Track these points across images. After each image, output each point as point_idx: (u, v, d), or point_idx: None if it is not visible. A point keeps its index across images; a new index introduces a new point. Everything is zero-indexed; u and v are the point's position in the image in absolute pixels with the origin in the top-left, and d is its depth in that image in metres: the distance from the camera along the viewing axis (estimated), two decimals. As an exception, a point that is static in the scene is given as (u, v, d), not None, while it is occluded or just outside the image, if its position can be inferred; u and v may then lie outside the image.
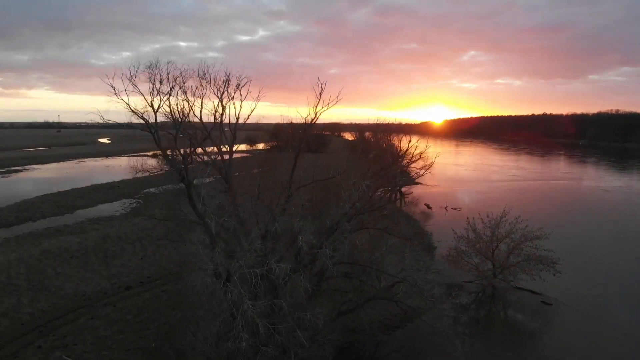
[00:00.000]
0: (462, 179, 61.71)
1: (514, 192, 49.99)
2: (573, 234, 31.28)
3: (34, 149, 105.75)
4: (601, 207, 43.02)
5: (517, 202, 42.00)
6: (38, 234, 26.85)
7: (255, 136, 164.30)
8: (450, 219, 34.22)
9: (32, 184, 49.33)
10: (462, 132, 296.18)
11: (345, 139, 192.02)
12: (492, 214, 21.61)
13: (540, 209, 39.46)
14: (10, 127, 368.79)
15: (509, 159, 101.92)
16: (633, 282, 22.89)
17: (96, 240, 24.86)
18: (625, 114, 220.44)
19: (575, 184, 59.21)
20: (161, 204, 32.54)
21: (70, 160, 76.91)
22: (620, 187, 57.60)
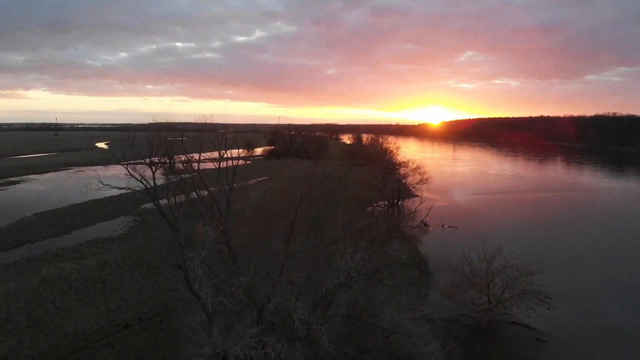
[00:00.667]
0: (460, 189, 61.78)
1: (511, 206, 50.23)
2: (570, 258, 31.51)
3: (32, 155, 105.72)
4: (603, 225, 43.25)
5: (514, 218, 42.25)
6: (37, 259, 26.96)
7: (253, 140, 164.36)
8: (446, 240, 34.32)
9: (30, 198, 49.38)
10: (460, 135, 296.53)
11: (344, 142, 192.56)
12: (489, 236, 21.83)
13: (537, 227, 39.66)
14: (8, 129, 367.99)
15: (507, 166, 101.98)
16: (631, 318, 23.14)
17: (94, 269, 24.99)
18: (622, 116, 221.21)
19: (574, 198, 59.41)
20: (157, 225, 32.73)
21: (67, 169, 76.90)
22: (621, 202, 57.85)
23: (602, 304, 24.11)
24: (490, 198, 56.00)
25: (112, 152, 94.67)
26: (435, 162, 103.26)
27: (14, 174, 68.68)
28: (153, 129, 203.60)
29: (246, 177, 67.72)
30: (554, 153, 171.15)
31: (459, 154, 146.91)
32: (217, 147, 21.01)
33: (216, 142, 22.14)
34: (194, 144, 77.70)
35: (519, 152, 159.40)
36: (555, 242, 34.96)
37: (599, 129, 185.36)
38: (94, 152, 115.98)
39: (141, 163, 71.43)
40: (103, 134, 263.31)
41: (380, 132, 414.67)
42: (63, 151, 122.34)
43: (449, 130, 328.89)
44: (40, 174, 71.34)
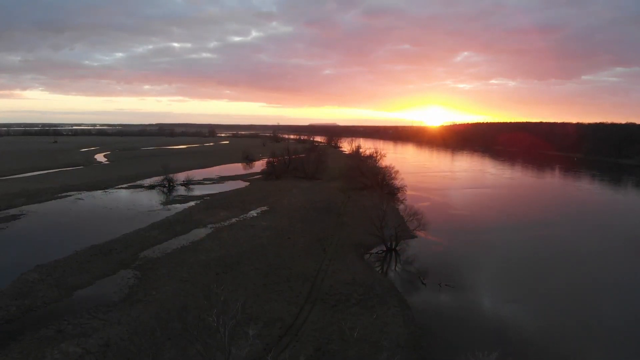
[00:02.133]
0: (458, 225, 61.78)
1: (513, 250, 50.43)
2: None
3: (30, 174, 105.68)
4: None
5: (516, 267, 41.75)
6: (41, 339, 27.18)
7: (252, 150, 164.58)
8: (443, 305, 34.07)
9: (30, 241, 49.61)
10: (459, 141, 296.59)
11: (343, 152, 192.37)
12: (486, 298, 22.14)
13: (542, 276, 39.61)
14: (7, 134, 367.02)
15: (507, 183, 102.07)
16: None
17: (96, 354, 25.25)
18: (621, 124, 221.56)
19: (577, 233, 59.71)
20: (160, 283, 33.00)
21: (68, 196, 77.03)
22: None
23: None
24: (490, 238, 56.19)
25: (112, 170, 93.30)
26: (433, 181, 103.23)
27: (13, 204, 68.78)
28: (150, 133, 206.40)
29: (245, 207, 68.17)
30: (552, 164, 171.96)
31: (458, 165, 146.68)
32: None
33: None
34: (196, 156, 78.06)
35: (518, 163, 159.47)
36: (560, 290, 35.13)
37: (597, 140, 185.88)
38: (94, 171, 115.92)
39: (140, 186, 73.54)
40: (103, 140, 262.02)
41: (379, 136, 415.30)
42: (62, 168, 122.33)
43: (448, 135, 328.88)
44: (40, 202, 71.47)
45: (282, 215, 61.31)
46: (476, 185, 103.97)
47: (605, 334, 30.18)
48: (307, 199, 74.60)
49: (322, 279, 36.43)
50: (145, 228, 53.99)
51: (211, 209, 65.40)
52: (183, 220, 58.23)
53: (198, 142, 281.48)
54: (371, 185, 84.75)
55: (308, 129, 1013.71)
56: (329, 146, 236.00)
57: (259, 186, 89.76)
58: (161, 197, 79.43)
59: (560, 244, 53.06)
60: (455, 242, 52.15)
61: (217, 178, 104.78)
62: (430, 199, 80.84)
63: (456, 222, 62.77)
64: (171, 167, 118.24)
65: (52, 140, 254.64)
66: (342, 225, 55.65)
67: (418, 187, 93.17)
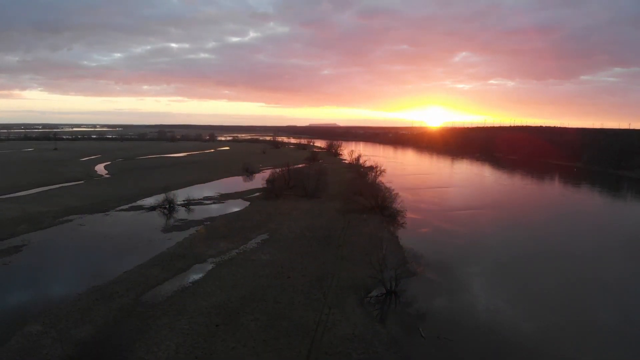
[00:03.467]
0: (459, 256, 61.94)
1: (518, 291, 50.73)
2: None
3: (31, 192, 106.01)
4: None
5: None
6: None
7: (252, 164, 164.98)
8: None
9: (31, 282, 49.90)
10: (458, 146, 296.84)
11: (343, 162, 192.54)
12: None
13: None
14: (7, 138, 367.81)
15: (508, 201, 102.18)
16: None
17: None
18: (621, 132, 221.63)
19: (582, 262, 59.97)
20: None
21: (68, 221, 77.29)
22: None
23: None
24: (492, 279, 56.47)
25: (112, 187, 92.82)
26: (433, 199, 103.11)
27: (15, 231, 69.09)
28: (150, 137, 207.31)
29: (246, 235, 68.52)
30: (552, 174, 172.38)
31: (458, 177, 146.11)
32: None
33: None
34: (196, 167, 78.39)
35: (518, 174, 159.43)
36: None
37: (597, 149, 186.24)
38: (95, 188, 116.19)
39: (141, 208, 74.30)
40: (103, 147, 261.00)
41: (379, 140, 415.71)
42: (63, 183, 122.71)
43: (447, 140, 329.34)
44: (42, 229, 71.82)
45: (282, 247, 61.61)
46: (477, 205, 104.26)
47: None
48: (307, 225, 74.90)
49: (322, 333, 36.74)
50: (146, 264, 54.29)
51: (211, 239, 65.68)
52: (183, 254, 58.51)
53: (198, 149, 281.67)
54: (371, 207, 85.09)
55: (308, 130, 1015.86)
56: (329, 153, 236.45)
57: (259, 207, 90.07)
58: (162, 221, 79.74)
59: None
60: (456, 279, 52.41)
61: (218, 196, 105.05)
62: (431, 223, 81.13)
63: (457, 252, 62.98)
64: (172, 181, 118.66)
65: (52, 147, 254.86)
66: (342, 260, 55.96)
67: (418, 208, 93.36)
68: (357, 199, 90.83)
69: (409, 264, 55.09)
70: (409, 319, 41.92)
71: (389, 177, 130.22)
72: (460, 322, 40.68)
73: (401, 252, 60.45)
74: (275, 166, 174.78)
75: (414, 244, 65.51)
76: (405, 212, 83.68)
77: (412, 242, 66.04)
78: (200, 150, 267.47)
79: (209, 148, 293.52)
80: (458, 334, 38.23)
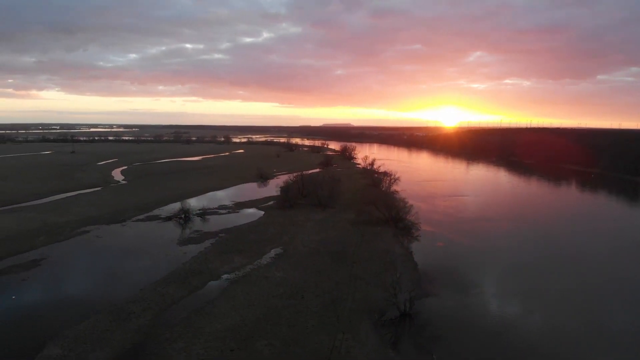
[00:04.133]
0: (473, 278, 61.58)
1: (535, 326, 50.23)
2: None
3: (49, 200, 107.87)
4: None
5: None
6: None
7: (267, 169, 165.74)
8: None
9: (48, 300, 50.79)
10: (474, 149, 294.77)
11: (357, 167, 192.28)
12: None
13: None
14: (25, 140, 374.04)
15: (524, 212, 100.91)
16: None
17: None
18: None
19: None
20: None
21: (86, 232, 78.39)
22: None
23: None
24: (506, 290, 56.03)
25: (128, 194, 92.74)
26: (448, 210, 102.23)
27: (34, 244, 70.37)
28: (166, 140, 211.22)
29: (260, 249, 68.92)
30: (569, 180, 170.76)
31: (473, 184, 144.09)
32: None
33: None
34: (212, 172, 78.94)
35: (534, 179, 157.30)
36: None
37: (616, 155, 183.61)
38: (112, 195, 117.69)
39: (157, 218, 75.02)
40: (120, 149, 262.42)
41: (394, 142, 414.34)
42: (81, 190, 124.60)
43: (463, 142, 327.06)
44: (60, 241, 73.03)
45: (296, 263, 61.88)
46: (493, 216, 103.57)
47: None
48: (320, 238, 75.07)
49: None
50: (162, 281, 54.88)
51: (226, 253, 66.18)
52: (199, 270, 59.04)
53: (213, 152, 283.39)
54: (385, 220, 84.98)
55: (322, 130, 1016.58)
56: (343, 157, 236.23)
57: (273, 218, 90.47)
58: (177, 232, 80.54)
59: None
60: (472, 299, 52.11)
61: (233, 205, 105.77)
62: (446, 237, 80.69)
63: (473, 269, 62.55)
64: (187, 188, 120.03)
65: (70, 150, 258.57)
66: (356, 280, 55.98)
67: (433, 219, 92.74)
68: (370, 210, 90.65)
69: (423, 283, 54.96)
70: (423, 342, 41.84)
71: (403, 184, 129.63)
72: (475, 347, 40.50)
73: (416, 270, 60.36)
74: (290, 171, 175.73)
75: (429, 260, 65.36)
76: (420, 224, 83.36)
77: (427, 259, 65.89)
78: (215, 154, 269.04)
79: (224, 151, 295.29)
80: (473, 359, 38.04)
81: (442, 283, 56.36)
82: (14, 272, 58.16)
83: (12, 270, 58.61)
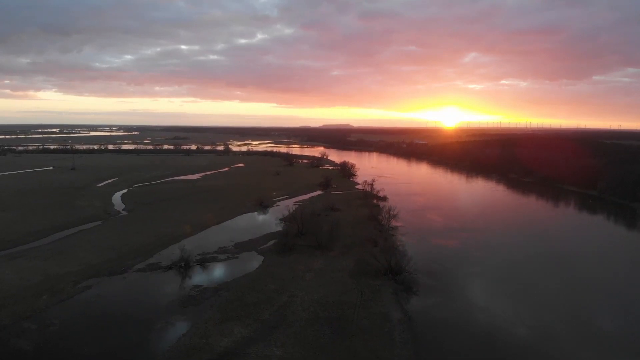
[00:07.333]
0: (487, 342, 62.21)
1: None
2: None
3: (47, 240, 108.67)
4: None
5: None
6: None
7: (266, 193, 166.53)
8: None
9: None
10: (473, 162, 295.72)
11: (356, 187, 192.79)
12: None
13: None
14: (25, 150, 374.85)
15: (534, 257, 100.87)
16: None
17: None
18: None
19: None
20: None
21: (88, 289, 79.01)
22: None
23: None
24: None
25: (129, 232, 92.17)
26: (448, 253, 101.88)
27: (36, 306, 70.90)
28: (165, 150, 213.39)
29: (259, 314, 69.64)
30: (567, 203, 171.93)
31: (470, 212, 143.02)
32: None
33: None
34: (211, 198, 79.46)
35: (533, 203, 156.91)
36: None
37: (612, 178, 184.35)
38: (112, 234, 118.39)
39: (157, 267, 75.46)
40: (119, 164, 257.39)
41: (393, 151, 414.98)
42: (81, 225, 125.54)
43: (462, 155, 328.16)
44: (62, 301, 73.66)
45: (296, 336, 62.48)
46: (498, 261, 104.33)
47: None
48: (319, 298, 75.74)
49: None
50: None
51: (226, 322, 66.77)
52: (199, 346, 59.52)
53: (213, 166, 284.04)
54: (384, 272, 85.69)
55: (322, 132, 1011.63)
56: (342, 175, 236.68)
57: (273, 269, 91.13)
58: (177, 288, 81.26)
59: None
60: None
61: (232, 247, 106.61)
62: (447, 291, 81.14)
63: (482, 342, 63.15)
64: (187, 221, 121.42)
65: (70, 167, 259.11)
66: (355, 359, 56.75)
67: (434, 270, 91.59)
68: (370, 254, 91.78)
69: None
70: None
71: (401, 214, 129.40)
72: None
73: (417, 344, 61.03)
74: (290, 195, 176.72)
75: (429, 327, 66.25)
76: (419, 277, 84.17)
77: (427, 325, 66.82)
78: (216, 169, 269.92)
79: (224, 165, 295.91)
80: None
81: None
82: (19, 344, 58.82)
83: (18, 341, 59.30)
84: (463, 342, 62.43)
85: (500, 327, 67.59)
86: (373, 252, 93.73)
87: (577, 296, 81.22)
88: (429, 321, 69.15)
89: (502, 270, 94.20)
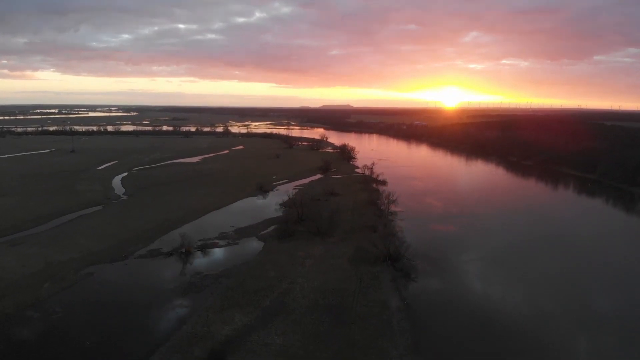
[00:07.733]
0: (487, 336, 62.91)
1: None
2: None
3: (48, 226, 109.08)
4: None
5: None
6: None
7: (266, 177, 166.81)
8: None
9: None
10: (473, 145, 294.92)
11: (355, 170, 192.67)
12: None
13: None
14: (25, 132, 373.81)
15: (534, 248, 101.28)
16: None
17: None
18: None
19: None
20: None
21: (89, 276, 79.62)
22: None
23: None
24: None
25: (129, 217, 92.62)
26: (447, 243, 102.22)
27: (39, 295, 71.62)
28: (164, 132, 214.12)
29: (260, 301, 70.35)
30: (566, 187, 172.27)
31: (471, 198, 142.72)
32: None
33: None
34: (211, 183, 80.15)
35: (533, 187, 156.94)
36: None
37: (612, 163, 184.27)
38: (113, 220, 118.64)
39: (158, 254, 76.22)
40: (119, 146, 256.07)
41: (392, 133, 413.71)
42: (82, 210, 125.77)
43: (463, 138, 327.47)
44: (65, 288, 74.25)
45: (295, 323, 63.18)
46: (500, 246, 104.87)
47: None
48: (319, 285, 76.37)
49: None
50: (166, 352, 56.19)
51: (227, 309, 67.49)
52: (201, 334, 60.19)
53: (213, 148, 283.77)
54: (383, 258, 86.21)
55: (322, 113, 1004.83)
56: (342, 158, 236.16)
57: (273, 255, 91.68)
58: (178, 274, 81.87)
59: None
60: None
61: (233, 232, 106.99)
62: (445, 276, 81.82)
63: (467, 327, 63.91)
64: (187, 206, 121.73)
65: (69, 149, 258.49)
66: (353, 348, 57.58)
67: (433, 256, 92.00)
68: (369, 243, 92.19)
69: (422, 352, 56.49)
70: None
71: (400, 199, 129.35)
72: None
73: (415, 332, 61.72)
74: (290, 179, 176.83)
75: (428, 314, 67.06)
76: (417, 263, 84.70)
77: (426, 312, 67.63)
78: (215, 152, 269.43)
79: (224, 147, 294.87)
80: None
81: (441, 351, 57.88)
82: (24, 332, 59.66)
83: (21, 330, 60.16)
84: (461, 329, 63.13)
85: (499, 313, 68.44)
86: (372, 239, 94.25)
87: (575, 280, 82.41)
88: (428, 308, 69.94)
89: (500, 255, 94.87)
